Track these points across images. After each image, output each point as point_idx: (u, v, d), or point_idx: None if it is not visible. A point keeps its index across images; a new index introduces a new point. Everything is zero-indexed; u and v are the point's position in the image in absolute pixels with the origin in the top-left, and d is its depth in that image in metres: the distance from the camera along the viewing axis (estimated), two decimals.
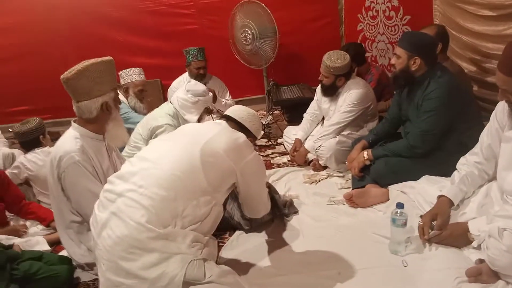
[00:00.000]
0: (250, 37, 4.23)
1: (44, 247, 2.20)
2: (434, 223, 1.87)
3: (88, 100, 1.82)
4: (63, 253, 2.06)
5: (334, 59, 2.86)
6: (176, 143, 1.66)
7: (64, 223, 1.93)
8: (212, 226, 1.65)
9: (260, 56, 4.36)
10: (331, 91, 2.97)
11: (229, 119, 1.86)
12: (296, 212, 2.39)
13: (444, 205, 1.89)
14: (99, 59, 1.82)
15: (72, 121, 1.93)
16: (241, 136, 1.72)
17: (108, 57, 1.87)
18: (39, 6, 4.61)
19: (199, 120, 2.83)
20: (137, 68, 3.52)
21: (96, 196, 1.64)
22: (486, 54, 2.81)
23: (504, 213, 1.63)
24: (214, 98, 3.55)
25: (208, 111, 3.09)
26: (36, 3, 4.61)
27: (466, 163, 1.96)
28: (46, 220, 2.44)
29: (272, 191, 2.32)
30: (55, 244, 2.31)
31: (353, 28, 4.69)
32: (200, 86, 2.86)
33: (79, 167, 1.80)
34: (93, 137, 1.91)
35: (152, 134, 2.72)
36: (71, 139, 1.86)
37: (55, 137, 2.96)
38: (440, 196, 1.92)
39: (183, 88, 2.87)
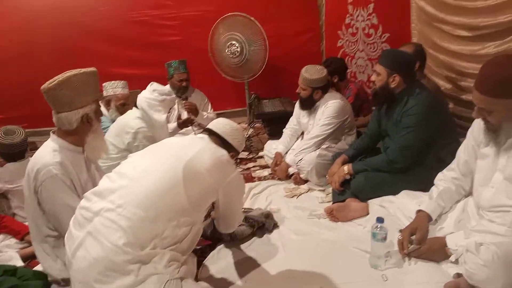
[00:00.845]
0: (239, 50, 4.26)
1: (17, 262, 2.13)
2: (413, 237, 1.90)
3: (68, 111, 1.77)
4: (38, 268, 2.00)
5: (311, 71, 2.92)
6: (157, 159, 1.61)
7: (39, 237, 1.87)
8: (191, 244, 1.62)
9: (247, 69, 4.39)
10: (309, 104, 3.03)
11: (211, 133, 1.82)
12: (276, 224, 2.39)
13: (423, 219, 1.92)
14: (83, 70, 1.78)
15: (51, 132, 1.88)
16: (224, 154, 1.70)
17: (92, 68, 1.84)
18: (20, 14, 4.54)
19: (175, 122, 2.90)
20: (122, 82, 3.49)
21: (74, 210, 1.59)
22: (461, 73, 2.90)
23: (480, 228, 1.68)
24: (196, 112, 3.54)
25: (189, 121, 3.10)
26: (16, 12, 4.54)
27: (444, 179, 2.01)
28: (20, 233, 2.37)
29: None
30: (29, 259, 2.24)
31: (334, 44, 4.78)
32: (165, 87, 2.95)
33: (56, 181, 1.74)
34: (72, 149, 1.86)
35: (135, 137, 2.72)
36: (49, 151, 1.80)
37: (32, 147, 2.89)
38: (418, 211, 1.96)
39: (148, 89, 2.87)
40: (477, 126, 1.83)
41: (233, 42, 4.26)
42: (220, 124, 1.86)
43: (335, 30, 4.71)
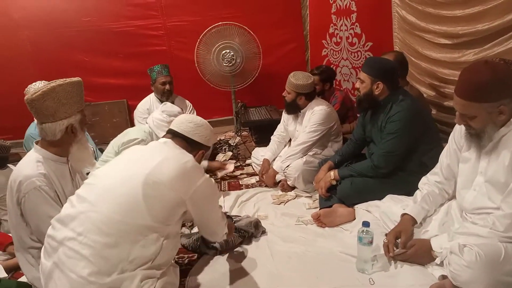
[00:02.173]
0: (234, 57, 4.29)
1: (0, 274, 2.09)
2: (398, 240, 1.93)
3: (52, 122, 1.73)
4: (23, 279, 1.97)
5: (297, 77, 2.98)
6: (116, 178, 1.50)
7: (23, 247, 1.83)
8: (169, 258, 1.56)
9: (240, 77, 4.44)
10: (292, 109, 3.08)
11: (175, 135, 1.71)
12: (264, 231, 2.40)
13: (407, 223, 1.95)
14: (67, 80, 1.75)
15: (34, 143, 1.84)
16: (189, 160, 1.58)
17: (77, 78, 1.80)
18: (2, 25, 4.52)
19: None
20: None
21: None
22: (443, 80, 2.96)
23: (463, 230, 1.71)
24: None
25: None
26: None
27: (428, 183, 2.04)
28: (2, 244, 2.33)
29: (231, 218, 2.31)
30: (13, 270, 2.20)
31: (318, 53, 4.86)
32: (175, 108, 3.01)
33: (40, 193, 1.70)
34: (56, 160, 1.82)
35: (123, 148, 2.75)
36: (32, 162, 1.75)
37: (15, 158, 2.86)
38: (403, 215, 1.99)
39: (159, 109, 2.97)
40: (458, 131, 1.87)
41: (228, 51, 4.27)
42: (183, 124, 1.74)
43: (319, 39, 4.79)
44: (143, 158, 1.57)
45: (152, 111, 3.64)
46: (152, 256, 1.45)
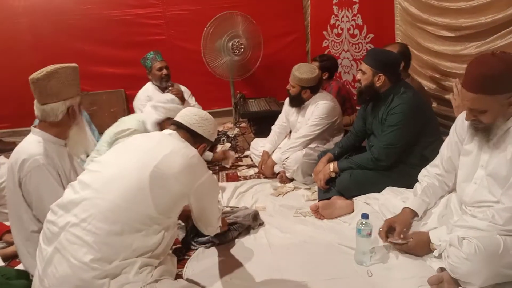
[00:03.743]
0: (243, 46, 4.25)
1: None
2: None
3: (55, 102, 1.77)
4: (20, 267, 1.96)
5: (302, 70, 2.93)
6: (123, 167, 1.52)
7: (23, 234, 1.83)
8: (166, 248, 1.58)
9: (244, 67, 4.41)
10: (297, 102, 3.03)
11: (179, 127, 1.73)
12: (261, 224, 2.39)
13: (405, 215, 1.95)
14: (66, 64, 1.80)
15: (32, 127, 1.85)
16: (194, 154, 1.61)
17: (74, 64, 1.84)
18: (1, 13, 4.46)
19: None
20: None
21: None
22: (445, 73, 2.94)
23: (462, 223, 1.70)
24: (183, 99, 3.56)
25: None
26: None
27: (428, 175, 2.03)
28: None
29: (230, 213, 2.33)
30: (9, 259, 2.19)
31: (319, 44, 4.82)
32: (167, 95, 2.99)
33: (43, 171, 1.72)
34: (55, 142, 1.84)
35: (116, 137, 2.71)
36: (34, 142, 1.78)
37: (11, 147, 2.83)
38: (404, 208, 1.98)
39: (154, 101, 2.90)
40: (460, 123, 1.86)
41: (237, 39, 4.23)
42: (188, 116, 1.76)
43: (320, 30, 4.75)
44: (149, 149, 1.58)
45: (152, 99, 3.60)
46: (154, 246, 1.48)
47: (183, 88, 3.91)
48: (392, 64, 2.36)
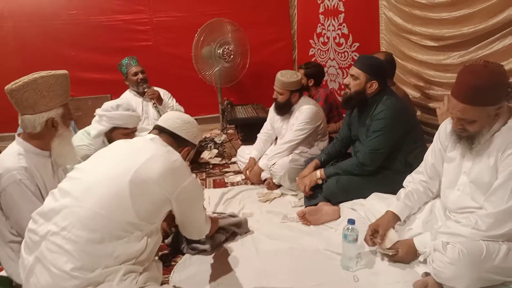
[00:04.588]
0: (233, 53, 4.27)
1: None
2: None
3: (32, 114, 1.68)
4: (2, 273, 1.92)
5: (288, 75, 2.96)
6: (102, 173, 1.48)
7: (3, 241, 1.79)
8: (150, 254, 1.55)
9: (232, 75, 4.43)
10: (286, 109, 3.05)
11: (162, 131, 1.69)
12: (248, 232, 2.38)
13: (388, 217, 1.97)
14: (52, 72, 1.71)
15: (16, 135, 1.80)
16: (176, 159, 1.57)
17: (63, 71, 1.76)
18: None
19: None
20: None
21: None
22: (428, 81, 3.01)
23: (446, 230, 1.73)
24: (160, 100, 3.57)
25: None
26: None
27: (412, 181, 2.07)
28: None
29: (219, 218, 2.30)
30: None
31: (306, 52, 4.87)
32: (112, 102, 2.49)
33: (20, 187, 1.65)
34: (37, 153, 1.77)
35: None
36: (13, 155, 1.71)
37: None
38: (387, 212, 2.01)
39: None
40: (443, 130, 1.90)
41: (227, 46, 4.24)
42: (170, 120, 1.72)
43: (307, 39, 4.80)
44: (130, 154, 1.54)
45: (132, 107, 3.54)
46: (137, 253, 1.45)
47: (161, 90, 3.81)
48: (384, 72, 2.41)
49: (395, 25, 3.25)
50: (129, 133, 2.44)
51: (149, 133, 1.73)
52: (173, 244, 2.23)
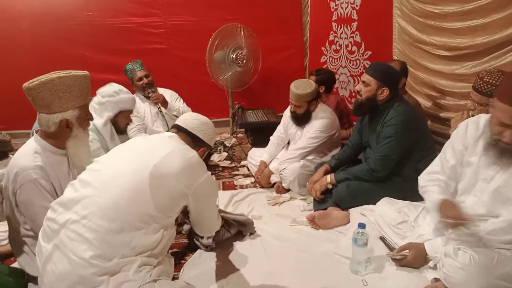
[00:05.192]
0: (246, 58, 4.30)
1: None
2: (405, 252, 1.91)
3: (47, 113, 1.70)
4: (15, 265, 1.95)
5: (303, 87, 2.93)
6: (123, 166, 1.53)
7: (17, 236, 1.83)
8: (164, 248, 1.59)
9: (245, 79, 4.47)
10: (306, 119, 3.02)
11: (180, 130, 1.74)
12: (253, 233, 2.39)
13: (449, 203, 1.77)
14: (71, 72, 1.71)
15: (34, 131, 1.83)
16: (194, 155, 1.62)
17: (83, 72, 1.76)
18: (4, 14, 4.47)
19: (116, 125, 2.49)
20: None
21: None
22: (441, 91, 3.01)
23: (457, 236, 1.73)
24: (165, 103, 3.58)
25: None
26: None
27: (432, 179, 1.95)
28: None
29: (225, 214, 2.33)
30: (5, 257, 2.18)
31: (317, 59, 4.90)
32: (112, 87, 2.52)
33: (35, 186, 1.68)
34: (54, 152, 1.79)
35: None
36: (30, 153, 1.73)
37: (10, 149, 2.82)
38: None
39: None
40: (463, 132, 1.82)
41: (240, 51, 4.27)
42: (188, 120, 1.77)
43: (319, 46, 4.83)
44: (149, 149, 1.58)
45: (140, 110, 3.58)
46: (153, 245, 1.49)
47: (168, 91, 3.83)
48: (396, 79, 2.44)
49: (408, 34, 3.26)
50: (130, 115, 2.57)
51: (167, 131, 1.78)
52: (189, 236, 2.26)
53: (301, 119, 3.04)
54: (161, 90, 3.77)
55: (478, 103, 2.00)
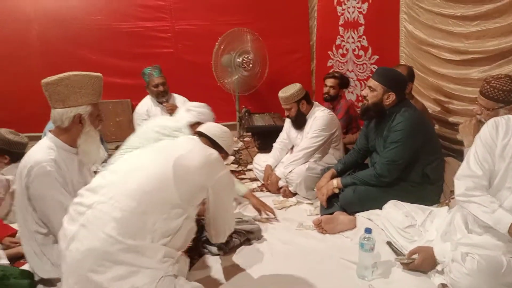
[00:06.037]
0: (252, 62, 4.33)
1: (3, 261, 2.09)
2: (414, 256, 1.90)
3: (62, 108, 1.80)
4: (25, 267, 1.97)
5: (286, 90, 3.06)
6: (149, 157, 1.67)
7: (28, 234, 1.85)
8: (185, 241, 1.65)
9: (251, 83, 4.49)
10: (301, 120, 3.08)
11: (201, 135, 1.87)
12: (259, 239, 2.39)
13: None
14: (87, 73, 1.84)
15: (48, 131, 1.90)
16: (214, 152, 1.74)
17: (97, 73, 1.88)
18: (13, 19, 4.54)
19: None
20: None
21: (65, 208, 1.62)
22: (448, 95, 3.00)
23: (467, 241, 1.72)
24: None
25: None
26: (9, 16, 4.54)
27: (477, 187, 1.76)
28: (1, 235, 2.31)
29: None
30: (14, 260, 2.20)
31: (324, 63, 4.91)
32: (195, 103, 2.80)
33: (49, 178, 1.75)
34: (66, 149, 1.87)
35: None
36: (44, 149, 1.81)
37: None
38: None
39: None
40: (494, 129, 1.76)
41: (247, 55, 4.31)
42: (210, 127, 1.92)
43: (325, 50, 4.84)
44: (172, 146, 1.74)
45: (151, 113, 3.66)
46: (172, 230, 1.54)
47: (182, 98, 3.86)
48: (402, 84, 2.43)
49: (415, 38, 3.26)
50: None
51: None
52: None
53: (296, 122, 3.11)
54: (176, 97, 3.83)
55: (485, 108, 1.99)
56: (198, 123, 2.58)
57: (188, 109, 2.69)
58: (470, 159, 1.79)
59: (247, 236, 2.34)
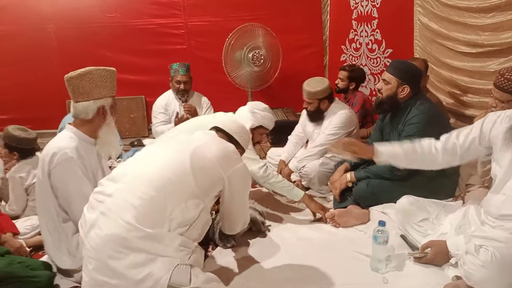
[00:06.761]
0: (263, 57, 4.34)
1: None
2: (427, 250, 1.91)
3: (86, 101, 1.88)
4: (44, 258, 2.03)
5: (313, 84, 2.98)
6: (168, 147, 1.74)
7: (50, 224, 1.90)
8: (201, 232, 1.68)
9: (264, 78, 4.51)
10: (317, 116, 3.06)
11: (218, 130, 1.90)
12: (262, 231, 2.40)
13: None
14: (103, 67, 1.92)
15: (67, 124, 1.97)
16: (231, 145, 1.78)
17: (112, 68, 1.97)
18: (29, 18, 4.63)
19: None
20: None
21: (85, 195, 1.67)
22: (464, 88, 2.97)
23: (481, 234, 1.71)
24: (195, 114, 3.62)
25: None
26: (26, 15, 4.63)
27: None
28: (3, 231, 2.28)
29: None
30: (34, 250, 2.26)
31: (337, 58, 4.89)
32: (260, 104, 2.84)
33: (71, 164, 1.82)
34: (86, 140, 1.94)
35: None
36: (66, 137, 1.89)
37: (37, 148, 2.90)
38: None
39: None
40: (492, 123, 1.80)
41: (258, 51, 4.31)
42: (227, 122, 1.97)
43: (338, 44, 4.82)
44: (189, 139, 1.78)
45: (169, 107, 3.71)
46: (189, 221, 1.57)
47: (201, 99, 3.91)
48: (417, 76, 2.40)
49: (431, 31, 3.23)
50: (267, 134, 2.79)
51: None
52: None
53: (313, 116, 3.08)
54: (198, 96, 3.87)
55: (500, 100, 1.96)
56: (261, 127, 2.69)
57: (253, 112, 2.67)
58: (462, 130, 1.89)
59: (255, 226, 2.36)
